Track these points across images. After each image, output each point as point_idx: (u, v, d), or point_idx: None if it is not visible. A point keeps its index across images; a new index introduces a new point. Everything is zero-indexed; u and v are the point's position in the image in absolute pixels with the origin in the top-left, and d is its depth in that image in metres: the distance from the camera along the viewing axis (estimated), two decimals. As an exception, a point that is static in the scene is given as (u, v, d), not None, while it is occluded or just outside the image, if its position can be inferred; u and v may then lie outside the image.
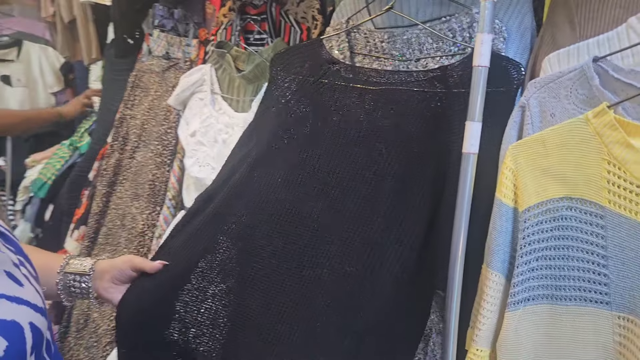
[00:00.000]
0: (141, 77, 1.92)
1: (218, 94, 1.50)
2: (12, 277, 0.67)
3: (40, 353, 0.70)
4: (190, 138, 1.50)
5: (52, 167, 2.41)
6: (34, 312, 0.67)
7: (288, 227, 0.92)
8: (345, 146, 0.97)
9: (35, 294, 0.70)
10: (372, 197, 0.87)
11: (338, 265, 0.85)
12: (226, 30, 1.53)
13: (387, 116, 0.96)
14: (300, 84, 1.07)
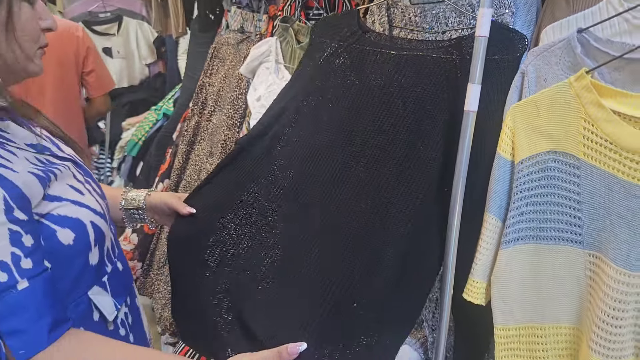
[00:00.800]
0: (219, 49, 2.15)
1: (281, 63, 1.69)
2: (74, 188, 0.86)
3: (103, 248, 0.89)
4: (256, 102, 1.71)
5: (142, 129, 2.73)
6: (93, 214, 0.86)
7: (316, 167, 1.10)
8: (369, 102, 1.10)
9: (95, 202, 0.88)
10: (387, 146, 1.02)
11: (355, 201, 1.02)
12: (291, 6, 1.72)
13: (407, 77, 1.08)
14: (334, 47, 1.23)
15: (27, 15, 0.82)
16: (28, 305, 0.73)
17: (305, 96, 1.20)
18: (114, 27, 3.43)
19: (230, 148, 1.97)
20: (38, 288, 0.74)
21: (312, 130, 1.14)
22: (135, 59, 3.52)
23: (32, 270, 0.74)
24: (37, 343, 0.73)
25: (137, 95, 3.47)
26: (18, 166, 0.76)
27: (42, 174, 0.80)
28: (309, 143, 1.13)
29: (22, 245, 0.73)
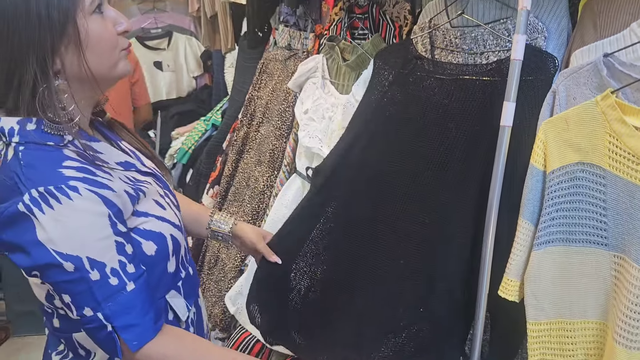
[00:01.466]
0: (267, 64, 2.30)
1: (327, 79, 1.82)
2: (158, 203, 0.98)
3: (179, 256, 1.01)
4: (304, 115, 1.84)
5: (192, 139, 2.90)
6: (172, 228, 0.98)
7: (385, 187, 1.26)
8: (427, 125, 1.25)
9: (174, 215, 1.00)
10: (444, 165, 1.17)
11: (417, 216, 1.17)
12: (336, 26, 1.85)
13: (457, 100, 1.22)
14: (395, 75, 1.36)
15: (98, 26, 0.86)
16: (136, 303, 0.85)
17: (374, 123, 1.35)
18: (165, 42, 3.65)
19: (277, 157, 2.10)
20: (141, 288, 0.86)
21: (381, 154, 1.30)
22: (184, 72, 3.72)
23: (135, 273, 0.86)
24: (146, 334, 0.86)
25: (184, 106, 3.66)
26: (116, 185, 0.87)
27: (133, 192, 0.91)
28: (378, 166, 1.30)
29: (125, 253, 0.86)
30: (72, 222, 0.81)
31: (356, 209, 1.31)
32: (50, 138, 0.85)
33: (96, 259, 0.82)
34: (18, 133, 0.83)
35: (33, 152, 0.83)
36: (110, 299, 0.83)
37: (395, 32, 1.54)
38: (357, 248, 1.28)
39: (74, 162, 0.84)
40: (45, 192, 0.79)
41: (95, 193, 0.83)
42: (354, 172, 1.35)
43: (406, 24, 1.51)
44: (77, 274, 0.81)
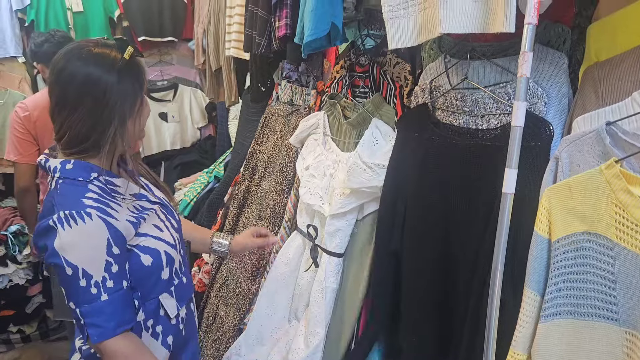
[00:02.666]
0: (270, 119, 2.31)
1: (329, 135, 1.82)
2: (157, 227, 1.26)
3: (172, 267, 1.28)
4: (305, 171, 1.83)
5: (194, 191, 2.88)
6: (167, 246, 1.26)
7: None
8: (453, 193, 1.29)
9: (170, 236, 1.28)
10: (469, 222, 1.23)
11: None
12: (338, 83, 1.86)
13: (476, 168, 1.24)
14: (416, 138, 1.39)
15: (145, 105, 1.25)
16: (105, 310, 1.12)
17: (403, 185, 1.41)
18: (170, 94, 3.69)
19: (278, 212, 2.08)
20: (113, 300, 1.13)
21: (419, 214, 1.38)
22: (188, 123, 3.75)
23: (113, 288, 1.13)
24: (105, 334, 1.12)
25: (188, 156, 3.67)
26: (121, 215, 1.17)
27: (135, 220, 1.20)
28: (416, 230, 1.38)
29: (110, 271, 1.12)
30: (80, 240, 1.10)
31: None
32: (81, 174, 1.16)
33: (87, 271, 1.10)
34: (60, 170, 1.16)
35: (67, 185, 1.15)
36: (86, 302, 1.11)
37: (395, 92, 1.54)
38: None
39: (94, 194, 1.15)
40: (68, 214, 1.10)
41: (103, 220, 1.12)
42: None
43: (407, 84, 1.51)
44: (72, 277, 1.10)
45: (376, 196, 1.55)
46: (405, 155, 1.42)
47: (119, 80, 1.14)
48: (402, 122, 1.44)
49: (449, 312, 1.30)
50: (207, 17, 3.14)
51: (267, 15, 1.98)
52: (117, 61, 1.15)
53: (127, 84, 1.15)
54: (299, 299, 1.77)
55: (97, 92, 1.13)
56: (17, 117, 2.40)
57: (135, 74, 1.18)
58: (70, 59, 1.15)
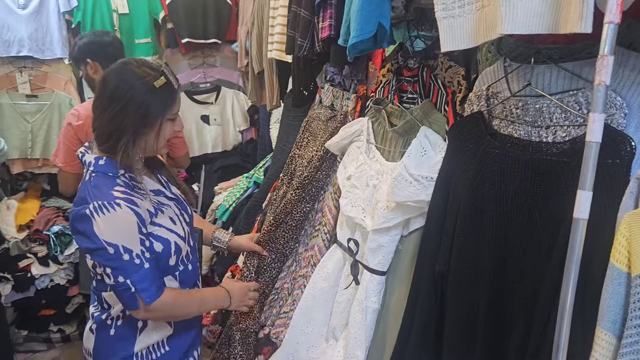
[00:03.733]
0: (311, 122, 2.21)
1: (372, 143, 1.70)
2: (172, 219, 1.49)
3: (179, 256, 1.51)
4: (346, 181, 1.72)
5: (233, 196, 2.82)
6: (177, 237, 1.48)
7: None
8: (512, 210, 1.15)
9: (181, 229, 1.51)
10: (530, 249, 1.10)
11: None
12: (384, 88, 1.74)
13: (538, 185, 1.10)
14: (468, 150, 1.26)
15: (168, 127, 1.46)
16: (149, 276, 1.38)
17: (459, 204, 1.27)
18: (213, 97, 3.66)
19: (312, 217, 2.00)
20: (152, 268, 1.39)
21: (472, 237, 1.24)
22: (230, 126, 3.71)
23: (150, 258, 1.39)
24: (154, 295, 1.39)
25: (229, 160, 3.63)
26: (143, 205, 1.40)
27: (154, 211, 1.44)
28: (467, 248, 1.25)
29: (145, 245, 1.38)
30: (115, 223, 1.34)
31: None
32: (111, 170, 1.40)
33: (127, 246, 1.34)
34: (93, 165, 1.42)
35: (99, 178, 1.40)
36: (134, 272, 1.35)
37: (447, 98, 1.41)
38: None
39: (121, 188, 1.39)
40: (101, 204, 1.34)
41: (130, 208, 1.36)
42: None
43: (460, 90, 1.38)
44: (115, 255, 1.33)
45: (423, 211, 1.43)
46: (457, 168, 1.29)
47: (142, 100, 1.36)
48: (454, 132, 1.32)
49: (500, 352, 1.16)
50: (251, 18, 3.07)
51: (310, 16, 1.88)
52: (148, 83, 1.37)
53: (149, 105, 1.37)
54: (337, 317, 1.66)
55: (121, 102, 1.36)
56: (71, 127, 2.37)
57: (161, 99, 1.39)
58: (113, 69, 1.41)
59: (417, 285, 1.40)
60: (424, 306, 1.38)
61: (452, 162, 1.32)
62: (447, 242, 1.32)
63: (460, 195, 1.27)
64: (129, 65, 1.40)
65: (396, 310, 1.50)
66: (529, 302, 1.10)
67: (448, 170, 1.33)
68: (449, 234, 1.32)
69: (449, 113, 1.40)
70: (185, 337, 1.60)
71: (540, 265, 1.07)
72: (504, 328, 1.18)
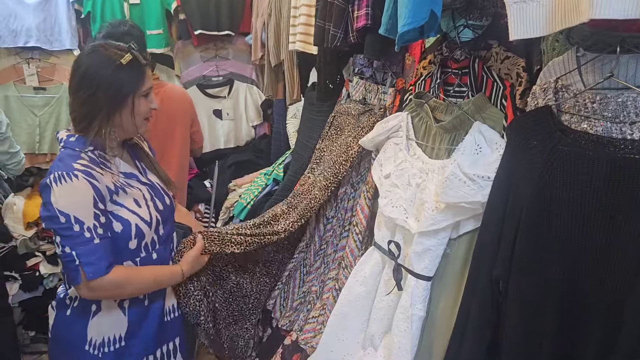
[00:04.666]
0: (338, 117, 2.11)
1: (413, 140, 1.60)
2: (136, 202, 1.49)
3: (141, 241, 1.50)
4: (384, 179, 1.62)
5: (251, 193, 2.71)
6: (139, 220, 1.48)
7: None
8: (590, 214, 1.05)
9: (147, 214, 1.50)
10: (610, 262, 1.00)
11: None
12: (425, 81, 1.64)
13: (621, 187, 1.00)
14: (533, 148, 1.15)
15: (142, 104, 1.49)
16: (97, 251, 1.37)
17: (527, 209, 1.16)
18: (225, 91, 3.55)
19: (312, 207, 1.95)
20: (103, 244, 1.38)
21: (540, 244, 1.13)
22: (243, 121, 3.60)
23: (102, 234, 1.39)
24: (99, 272, 1.37)
25: (242, 156, 3.53)
26: (102, 180, 1.42)
27: (114, 188, 1.44)
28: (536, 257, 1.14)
29: (99, 220, 1.38)
30: (69, 194, 1.36)
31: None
32: (78, 146, 1.44)
33: (79, 218, 1.35)
34: (64, 141, 1.45)
35: (66, 152, 1.43)
36: (82, 244, 1.35)
37: (505, 91, 1.31)
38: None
39: (84, 161, 1.42)
40: (60, 174, 1.36)
41: (88, 180, 1.38)
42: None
43: (520, 83, 1.28)
44: (66, 224, 1.35)
45: (476, 213, 1.33)
46: (519, 166, 1.19)
47: (112, 79, 1.41)
48: (515, 127, 1.22)
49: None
50: (268, 9, 2.97)
51: (344, 4, 1.78)
52: (115, 62, 1.41)
53: (119, 82, 1.41)
54: (377, 324, 1.56)
55: (91, 84, 1.40)
56: None
57: (129, 76, 1.44)
58: (82, 53, 1.49)
59: (470, 293, 1.30)
60: (478, 315, 1.28)
61: (513, 161, 1.22)
62: (506, 246, 1.22)
63: (523, 196, 1.17)
64: (96, 48, 1.45)
65: (444, 318, 1.40)
66: (610, 318, 1.00)
67: (508, 169, 1.23)
68: (508, 237, 1.22)
69: (507, 107, 1.30)
70: (142, 337, 1.57)
71: (623, 285, 0.98)
72: (576, 346, 1.08)
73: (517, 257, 1.17)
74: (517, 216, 1.19)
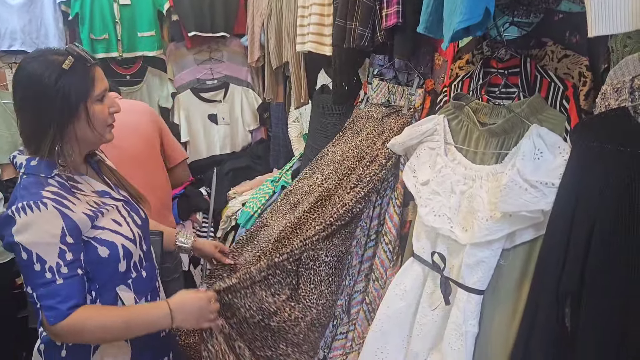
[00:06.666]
0: (357, 122, 2.01)
1: (451, 144, 1.52)
2: (116, 221, 1.34)
3: (130, 261, 1.34)
4: (422, 186, 1.53)
5: (257, 201, 2.60)
6: (124, 239, 1.32)
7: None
8: None
9: (129, 231, 1.35)
10: None
11: None
12: (462, 82, 1.55)
13: None
14: (607, 153, 1.07)
15: (98, 110, 1.30)
16: (60, 293, 1.20)
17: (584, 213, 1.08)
18: (220, 94, 3.42)
19: (346, 220, 1.77)
20: (68, 285, 1.21)
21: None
22: (239, 126, 3.48)
23: (67, 274, 1.22)
24: (60, 316, 1.20)
25: (239, 162, 3.40)
26: (78, 208, 1.25)
27: (92, 214, 1.28)
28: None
29: (64, 258, 1.21)
30: (34, 228, 1.19)
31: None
32: (43, 171, 1.26)
33: (41, 256, 1.20)
34: (25, 166, 1.27)
35: (29, 179, 1.26)
36: (42, 286, 1.20)
37: (566, 92, 1.23)
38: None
39: (53, 188, 1.25)
40: (26, 204, 1.19)
41: (59, 210, 1.21)
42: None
43: (584, 83, 1.20)
44: (27, 261, 1.19)
45: (535, 222, 1.25)
46: (590, 173, 1.11)
47: (56, 88, 1.22)
48: (584, 131, 1.14)
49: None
50: (268, 9, 2.85)
51: (372, 2, 1.68)
52: (56, 69, 1.23)
53: (65, 91, 1.23)
54: (420, 342, 1.47)
55: (35, 97, 1.23)
56: None
57: (76, 81, 1.24)
58: (19, 67, 1.27)
59: (533, 308, 1.22)
60: (542, 332, 1.19)
61: (581, 167, 1.14)
62: (576, 258, 1.14)
63: (595, 204, 1.09)
64: (34, 56, 1.27)
65: (499, 334, 1.31)
66: None
67: (575, 175, 1.15)
68: (578, 248, 1.14)
69: (570, 109, 1.22)
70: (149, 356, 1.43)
71: None
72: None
73: (594, 272, 1.09)
74: (588, 225, 1.11)
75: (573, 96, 1.21)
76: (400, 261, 1.72)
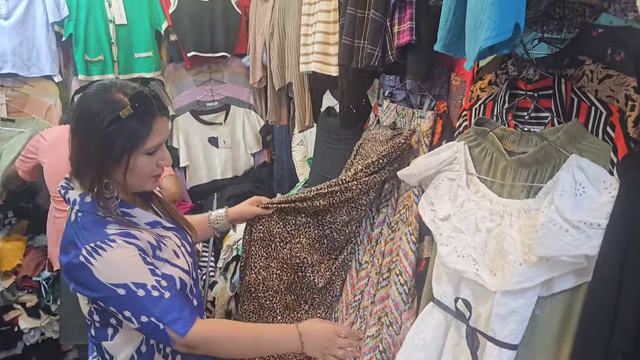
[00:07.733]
0: (365, 145, 1.86)
1: (473, 174, 1.36)
2: (175, 253, 1.32)
3: (184, 292, 1.31)
4: (442, 222, 1.36)
5: (260, 231, 2.43)
6: (181, 272, 1.30)
7: None
8: None
9: (185, 262, 1.33)
10: None
11: None
12: (485, 105, 1.40)
13: None
14: None
15: (143, 163, 1.25)
16: (175, 304, 1.21)
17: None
18: (221, 117, 3.28)
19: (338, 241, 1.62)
20: (175, 294, 1.23)
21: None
22: (241, 149, 3.33)
23: (167, 286, 1.22)
24: (188, 323, 1.21)
25: (241, 187, 3.25)
26: (142, 236, 1.25)
27: (155, 243, 1.28)
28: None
29: (157, 274, 1.22)
30: (115, 262, 1.19)
31: None
32: (100, 210, 1.24)
33: (138, 282, 1.19)
34: (79, 203, 1.25)
35: (86, 218, 1.23)
36: (155, 307, 1.19)
37: (611, 118, 1.07)
38: None
39: (114, 225, 1.23)
40: (94, 246, 1.19)
41: (127, 242, 1.21)
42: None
43: (632, 108, 1.04)
44: (129, 295, 1.18)
45: (577, 267, 1.08)
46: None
47: (106, 132, 1.18)
48: (634, 162, 0.98)
49: None
50: (270, 28, 2.72)
51: (382, 18, 1.54)
52: (114, 112, 1.18)
53: (113, 138, 1.18)
54: (444, 400, 1.29)
55: (84, 133, 1.22)
56: (40, 137, 2.41)
57: (128, 132, 1.19)
58: (86, 93, 1.26)
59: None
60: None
61: (632, 204, 0.98)
62: (630, 312, 0.97)
63: None
64: (98, 90, 1.23)
65: (536, 397, 1.14)
66: None
67: (626, 214, 0.99)
68: (632, 301, 0.97)
69: (616, 138, 1.05)
70: None
71: None
72: None
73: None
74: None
75: (619, 122, 1.05)
76: (417, 304, 1.55)
